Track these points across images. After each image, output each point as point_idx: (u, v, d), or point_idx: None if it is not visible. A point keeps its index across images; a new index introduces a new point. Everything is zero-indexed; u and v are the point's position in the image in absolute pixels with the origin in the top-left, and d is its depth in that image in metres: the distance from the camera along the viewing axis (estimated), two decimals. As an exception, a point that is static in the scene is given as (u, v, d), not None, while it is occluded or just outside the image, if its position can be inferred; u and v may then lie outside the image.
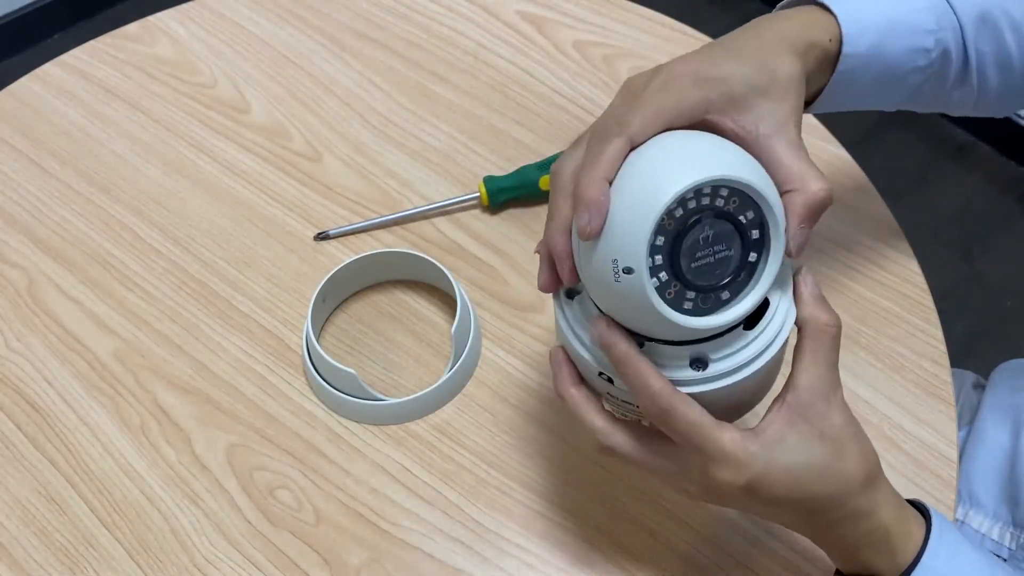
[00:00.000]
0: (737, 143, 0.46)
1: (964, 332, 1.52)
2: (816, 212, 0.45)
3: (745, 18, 0.64)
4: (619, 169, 0.44)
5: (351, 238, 0.76)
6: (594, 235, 0.43)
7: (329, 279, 0.69)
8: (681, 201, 0.41)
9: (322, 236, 0.76)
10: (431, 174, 0.79)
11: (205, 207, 0.78)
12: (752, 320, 0.46)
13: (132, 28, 0.92)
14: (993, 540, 0.69)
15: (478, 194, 0.76)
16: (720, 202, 0.42)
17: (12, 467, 0.65)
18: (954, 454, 0.63)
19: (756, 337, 0.46)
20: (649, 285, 0.42)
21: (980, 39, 0.57)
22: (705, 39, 0.88)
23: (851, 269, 0.72)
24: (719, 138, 0.45)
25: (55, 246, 0.76)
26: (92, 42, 0.91)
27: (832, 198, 0.46)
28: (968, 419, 0.76)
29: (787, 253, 0.45)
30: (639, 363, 0.45)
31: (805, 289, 0.47)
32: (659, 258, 0.42)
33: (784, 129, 0.47)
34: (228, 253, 0.75)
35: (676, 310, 0.43)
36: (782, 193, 0.45)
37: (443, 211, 0.76)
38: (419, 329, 0.71)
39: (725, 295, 0.44)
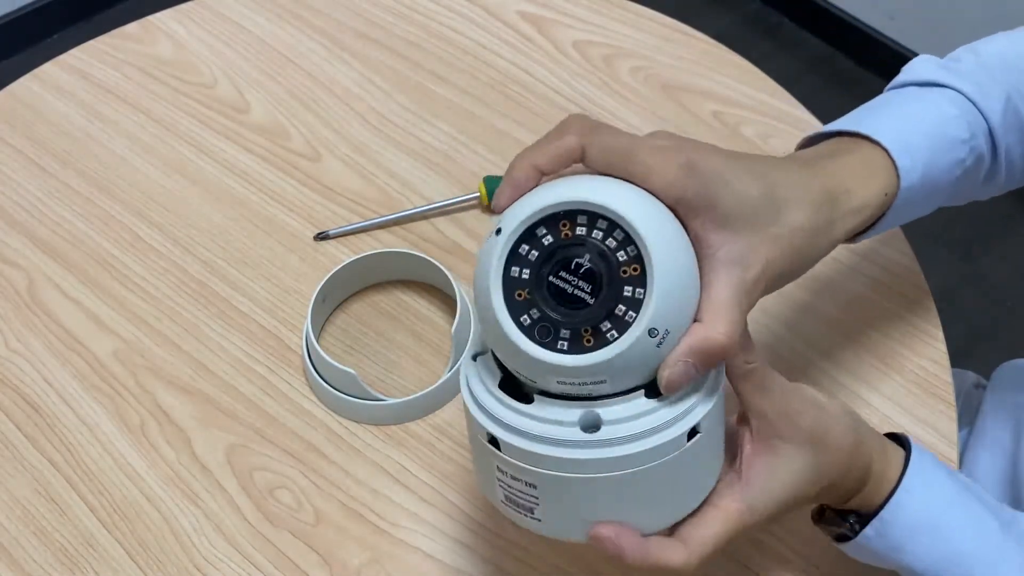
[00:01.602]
0: (695, 247, 0.43)
1: (964, 332, 1.52)
2: (706, 354, 0.41)
3: (745, 18, 0.63)
4: (557, 161, 0.43)
5: (351, 238, 0.76)
6: (499, 210, 0.43)
7: (329, 279, 0.69)
8: (543, 224, 0.40)
9: (322, 236, 0.75)
10: (431, 174, 0.79)
11: (205, 207, 0.78)
12: (654, 389, 0.42)
13: (132, 28, 0.92)
14: None
15: (478, 194, 0.76)
16: (598, 235, 0.40)
17: (12, 467, 0.65)
18: (954, 454, 0.63)
19: (659, 408, 0.42)
20: (501, 308, 0.41)
21: (1007, 133, 0.57)
22: (705, 39, 0.88)
23: (851, 269, 0.72)
24: (634, 187, 0.42)
25: (55, 246, 0.76)
26: (92, 42, 0.91)
27: (732, 351, 0.42)
28: (969, 420, 0.76)
29: (659, 385, 0.41)
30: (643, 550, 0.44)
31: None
32: (523, 284, 0.41)
33: (741, 267, 0.43)
34: (228, 253, 0.75)
35: (537, 343, 0.40)
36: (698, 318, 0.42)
37: (443, 211, 0.76)
38: (419, 329, 0.71)
39: (587, 339, 0.40)
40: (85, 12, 2.05)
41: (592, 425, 0.42)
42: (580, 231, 0.40)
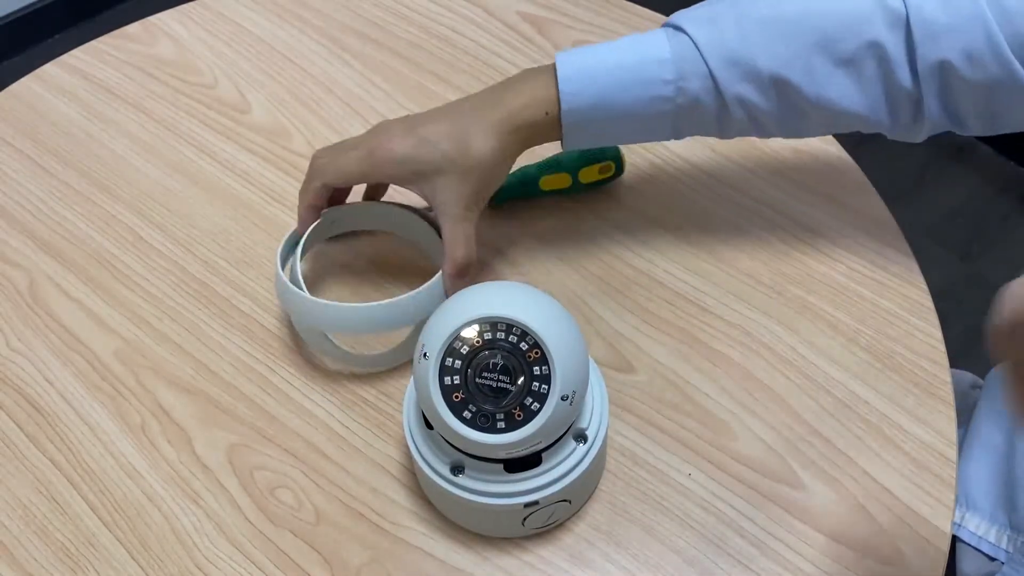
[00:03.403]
0: (427, 203, 0.64)
1: (963, 332, 1.52)
2: (461, 269, 0.63)
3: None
4: (319, 198, 0.66)
5: (351, 237, 0.75)
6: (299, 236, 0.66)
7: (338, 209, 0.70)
8: (458, 339, 0.52)
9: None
10: (431, 174, 0.79)
11: (206, 207, 0.78)
12: (516, 466, 0.54)
13: (133, 28, 0.92)
14: (990, 543, 0.69)
15: (478, 194, 0.76)
16: (502, 335, 0.52)
17: (13, 467, 0.65)
18: (954, 454, 0.63)
19: (516, 480, 0.54)
20: (446, 412, 0.51)
21: (734, 83, 0.61)
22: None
23: (851, 269, 0.72)
24: (517, 285, 0.56)
25: (56, 246, 0.76)
26: (93, 42, 0.91)
27: (471, 263, 0.64)
28: (965, 420, 0.76)
29: (444, 291, 0.63)
30: None
31: None
32: (456, 388, 0.51)
33: (451, 205, 0.63)
34: (229, 253, 0.75)
35: (480, 429, 0.51)
36: (445, 256, 0.63)
37: (443, 211, 0.77)
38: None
39: (501, 422, 0.51)
40: (86, 12, 2.05)
41: (459, 468, 0.56)
42: (487, 336, 0.52)
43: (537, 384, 0.51)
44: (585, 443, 0.56)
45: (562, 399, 0.51)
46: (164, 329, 0.71)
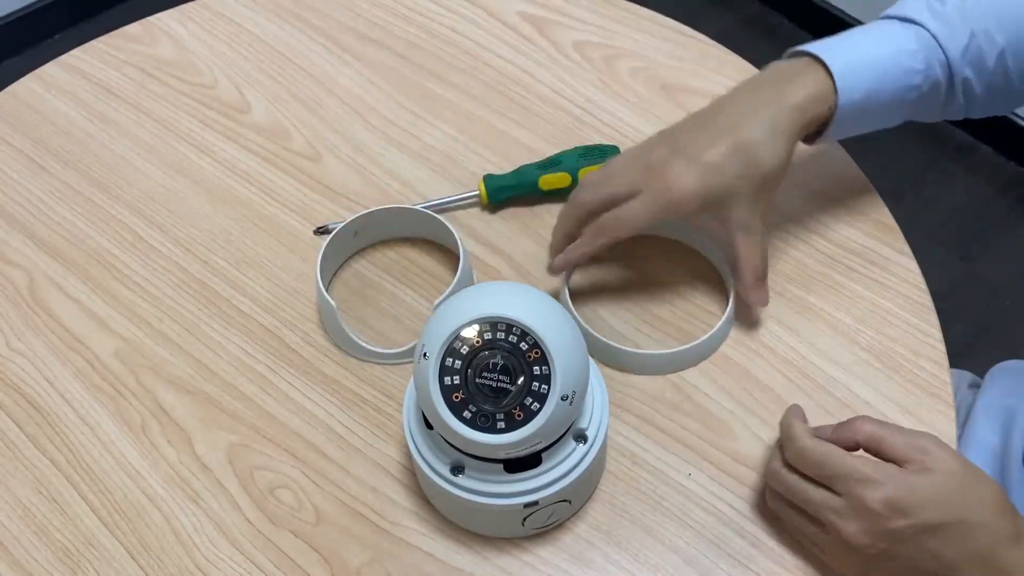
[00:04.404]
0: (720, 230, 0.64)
1: (963, 332, 1.52)
2: (763, 276, 0.64)
3: (745, 19, 0.64)
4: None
5: (351, 238, 0.76)
6: (556, 270, 0.67)
7: (360, 217, 0.71)
8: (458, 339, 0.52)
9: (321, 231, 0.76)
10: (431, 174, 0.80)
11: (206, 207, 0.78)
12: (515, 466, 0.54)
13: (133, 28, 0.92)
14: None
15: (478, 192, 0.76)
16: (502, 335, 0.52)
17: (13, 467, 0.65)
18: (953, 454, 0.63)
19: (516, 481, 0.55)
20: (446, 412, 0.51)
21: (964, 67, 0.64)
22: (705, 40, 0.88)
23: (851, 269, 0.72)
24: (518, 285, 0.56)
25: (56, 246, 0.76)
26: (93, 42, 0.91)
27: (767, 269, 0.65)
28: (962, 420, 0.76)
29: (755, 304, 0.66)
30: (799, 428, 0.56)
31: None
32: (456, 388, 0.51)
33: (746, 219, 0.62)
34: (229, 253, 0.75)
35: (479, 429, 0.51)
36: (736, 269, 0.65)
37: (442, 209, 0.76)
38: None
39: (500, 422, 0.51)
40: (86, 12, 2.05)
41: (459, 468, 0.56)
42: (487, 336, 0.52)
43: (537, 384, 0.51)
44: (585, 443, 0.56)
45: (562, 399, 0.51)
46: (164, 329, 0.71)
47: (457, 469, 0.55)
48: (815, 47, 0.63)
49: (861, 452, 0.54)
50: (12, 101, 0.86)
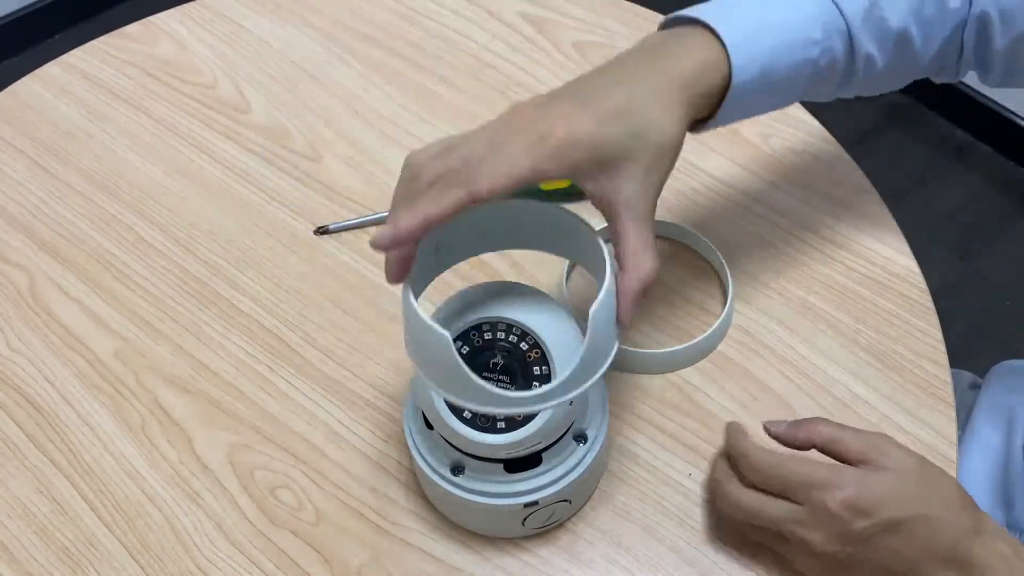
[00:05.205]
0: (594, 202, 0.49)
1: (963, 332, 1.52)
2: (644, 289, 0.48)
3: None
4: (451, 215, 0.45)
5: (351, 238, 0.76)
6: (389, 274, 0.47)
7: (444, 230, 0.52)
8: (459, 339, 0.52)
9: (321, 230, 0.76)
10: (431, 174, 0.79)
11: (206, 207, 0.78)
12: (516, 466, 0.54)
13: (133, 28, 0.92)
14: None
15: (478, 194, 0.76)
16: (502, 335, 0.52)
17: (13, 466, 0.65)
18: (953, 454, 0.63)
19: (515, 481, 0.54)
20: (446, 411, 0.51)
21: (867, 40, 0.58)
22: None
23: (851, 269, 0.72)
24: (515, 284, 0.54)
25: (56, 246, 0.76)
26: (93, 42, 0.91)
27: (654, 276, 0.48)
28: (963, 420, 0.76)
29: (618, 323, 0.49)
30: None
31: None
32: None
33: (639, 200, 0.48)
34: (229, 253, 0.75)
35: (480, 429, 0.51)
36: (622, 268, 0.48)
37: (443, 211, 0.76)
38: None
39: (501, 422, 0.51)
40: (86, 12, 2.05)
41: (459, 468, 0.55)
42: (487, 336, 0.52)
43: (537, 384, 0.51)
44: (585, 443, 0.56)
45: None
46: (164, 329, 0.71)
47: (457, 469, 0.55)
48: (706, 12, 0.54)
49: (815, 455, 0.55)
50: (12, 101, 0.86)
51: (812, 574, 0.55)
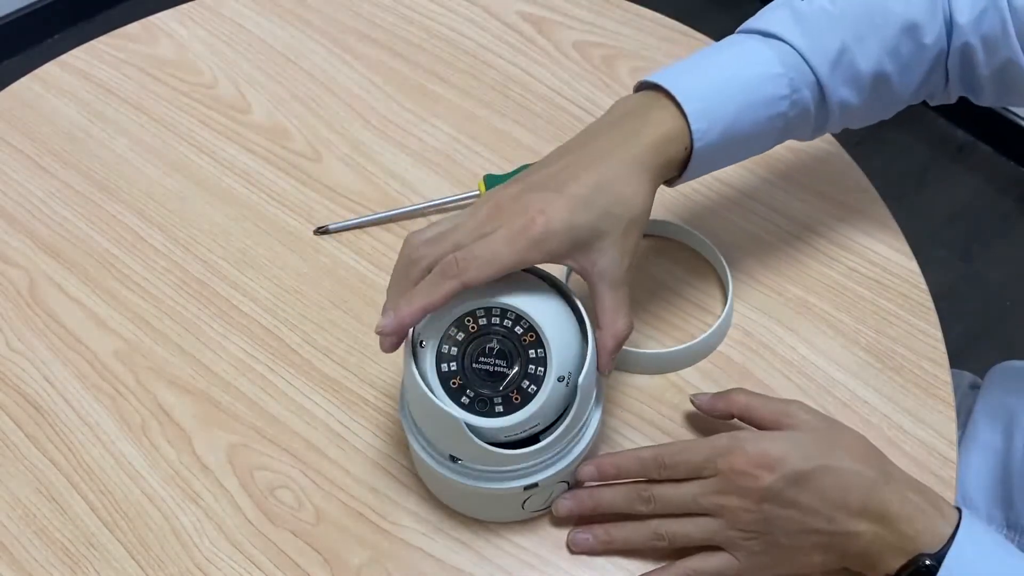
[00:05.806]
0: (574, 271, 0.55)
1: (963, 332, 1.52)
2: (622, 342, 0.54)
3: (744, 18, 0.64)
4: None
5: (351, 238, 0.76)
6: (385, 347, 0.52)
7: None
8: (453, 325, 0.52)
9: (321, 230, 0.76)
10: (431, 174, 0.80)
11: (206, 207, 0.78)
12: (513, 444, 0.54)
13: (133, 28, 0.92)
14: None
15: (478, 192, 0.76)
16: (497, 320, 0.52)
17: (13, 466, 0.65)
18: (954, 454, 0.63)
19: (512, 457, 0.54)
20: (444, 397, 0.52)
21: (838, 87, 0.60)
22: (705, 40, 0.88)
23: (851, 269, 0.72)
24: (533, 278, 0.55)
25: (56, 246, 0.76)
26: (93, 42, 0.91)
27: (628, 332, 0.54)
28: (962, 421, 0.76)
29: (599, 372, 0.55)
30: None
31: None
32: (454, 374, 0.52)
33: (613, 269, 0.53)
34: (229, 253, 0.75)
35: (477, 414, 0.52)
36: (598, 326, 0.54)
37: (443, 208, 0.77)
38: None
39: (499, 406, 0.52)
40: (86, 12, 2.05)
41: (455, 458, 0.55)
42: (482, 322, 0.53)
43: (533, 367, 0.52)
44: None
45: (558, 380, 0.52)
46: (164, 329, 0.71)
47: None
48: (667, 79, 0.56)
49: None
50: (12, 101, 0.86)
51: (749, 557, 0.56)
